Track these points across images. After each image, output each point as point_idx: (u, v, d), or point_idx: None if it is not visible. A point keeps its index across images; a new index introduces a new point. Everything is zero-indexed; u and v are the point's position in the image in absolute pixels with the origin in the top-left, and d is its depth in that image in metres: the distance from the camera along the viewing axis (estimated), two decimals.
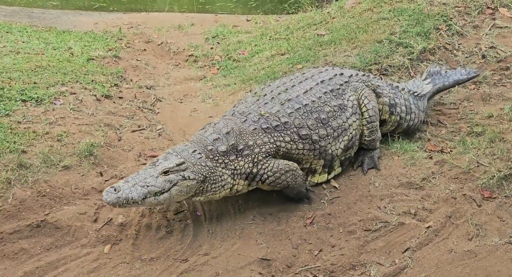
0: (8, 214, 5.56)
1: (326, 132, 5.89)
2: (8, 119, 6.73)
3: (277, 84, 6.19)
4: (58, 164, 6.24)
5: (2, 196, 5.66)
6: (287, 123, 5.70)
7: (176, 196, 5.24)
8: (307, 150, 5.81)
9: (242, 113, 5.74)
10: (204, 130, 5.67)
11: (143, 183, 5.08)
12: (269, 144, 5.60)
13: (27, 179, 5.91)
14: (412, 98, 6.93)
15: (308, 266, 5.23)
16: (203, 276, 5.12)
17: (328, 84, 6.13)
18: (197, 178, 5.27)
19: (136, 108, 8.11)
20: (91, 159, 6.50)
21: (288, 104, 5.82)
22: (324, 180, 6.14)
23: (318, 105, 5.91)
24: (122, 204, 4.99)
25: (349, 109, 6.14)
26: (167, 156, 5.34)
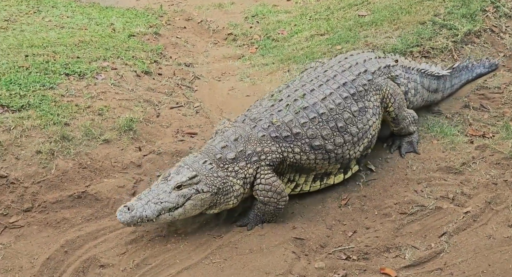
0: (51, 184, 5.74)
1: (343, 140, 5.61)
2: (52, 92, 6.90)
3: (296, 86, 5.83)
4: (98, 137, 6.38)
5: (46, 167, 5.83)
6: (299, 134, 5.43)
7: (191, 211, 5.11)
8: (320, 160, 5.55)
9: (253, 120, 5.52)
10: (213, 139, 5.53)
11: (156, 199, 4.96)
12: (276, 153, 5.36)
13: (69, 151, 6.07)
14: (419, 77, 6.68)
15: (342, 247, 5.23)
16: (236, 252, 5.18)
17: (350, 86, 5.77)
18: (210, 190, 5.12)
19: (175, 85, 8.19)
20: (130, 134, 6.61)
21: (303, 113, 5.51)
22: (340, 181, 5.90)
23: (336, 113, 5.60)
24: (137, 223, 4.88)
25: (370, 110, 5.84)
26: (178, 170, 5.17)
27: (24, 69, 7.25)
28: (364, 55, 6.29)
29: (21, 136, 6.01)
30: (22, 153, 5.86)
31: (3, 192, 5.55)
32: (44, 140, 6.06)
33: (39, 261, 5.04)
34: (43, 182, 5.74)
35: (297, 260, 5.13)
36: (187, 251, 5.19)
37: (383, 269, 4.89)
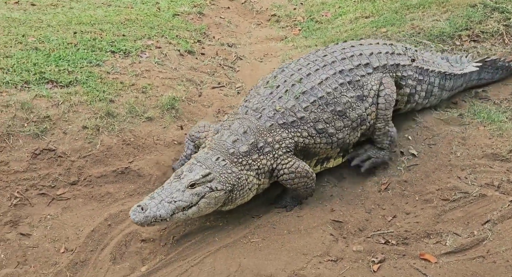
0: (96, 159, 5.90)
1: (343, 123, 5.55)
2: (98, 69, 7.05)
3: (291, 70, 5.72)
4: (142, 115, 6.49)
5: (91, 142, 5.99)
6: (303, 118, 5.38)
7: (205, 209, 5.00)
8: (324, 144, 5.52)
9: (256, 110, 5.43)
10: (220, 134, 5.36)
11: (170, 198, 4.82)
12: (288, 139, 5.31)
13: (113, 128, 6.20)
14: (439, 79, 6.43)
15: (381, 231, 5.20)
16: (274, 233, 5.22)
17: (346, 74, 5.66)
18: (225, 188, 5.01)
19: (217, 65, 8.23)
20: (173, 112, 6.69)
21: (303, 97, 5.45)
22: (338, 164, 5.88)
23: (334, 97, 5.52)
24: (151, 223, 4.73)
25: (369, 99, 5.70)
26: (191, 167, 5.05)
27: (72, 46, 7.43)
28: (374, 47, 6.07)
29: (68, 111, 6.17)
30: (69, 128, 6.03)
31: (51, 165, 5.74)
32: (90, 115, 6.21)
33: (84, 233, 5.21)
34: (88, 157, 5.89)
35: (335, 242, 5.13)
36: (226, 229, 5.27)
37: (423, 254, 4.83)
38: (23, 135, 5.82)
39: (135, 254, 5.05)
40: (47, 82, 6.53)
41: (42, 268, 4.89)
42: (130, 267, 4.92)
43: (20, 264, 4.91)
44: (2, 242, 5.07)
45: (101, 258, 4.98)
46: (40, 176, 5.64)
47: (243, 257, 4.98)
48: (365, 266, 4.82)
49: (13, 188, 5.48)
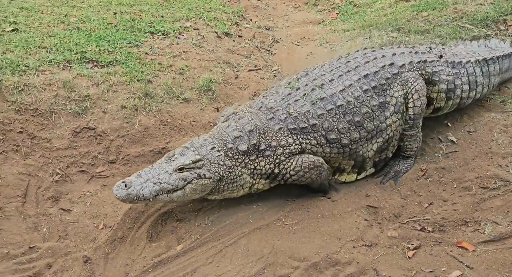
0: (134, 139, 6.00)
1: (359, 135, 5.35)
2: (137, 49, 7.13)
3: (314, 75, 5.54)
4: (179, 96, 6.55)
5: (130, 122, 6.09)
6: (315, 125, 5.19)
7: (190, 194, 4.94)
8: (335, 154, 5.34)
9: (270, 109, 5.26)
10: (227, 124, 5.25)
11: (156, 179, 4.78)
12: (294, 145, 5.16)
13: (151, 108, 6.29)
14: (480, 68, 6.14)
15: (417, 217, 5.14)
16: (308, 216, 5.25)
17: (372, 79, 5.43)
18: (213, 177, 4.93)
19: (254, 48, 8.21)
20: (209, 94, 6.74)
21: (320, 103, 5.25)
22: (352, 180, 5.66)
23: (354, 106, 5.31)
24: (133, 201, 4.74)
25: (390, 107, 5.47)
26: (184, 151, 4.99)
27: (112, 26, 7.53)
28: (396, 49, 5.89)
29: (108, 91, 6.29)
30: (108, 107, 6.15)
31: (91, 143, 5.87)
32: (128, 96, 6.31)
33: (122, 210, 5.32)
34: (126, 136, 6.00)
35: (369, 227, 5.11)
36: (260, 212, 5.30)
37: (460, 242, 4.77)
38: (65, 113, 5.96)
39: (170, 233, 5.14)
40: (88, 62, 6.66)
41: (82, 242, 5.04)
42: (166, 246, 5.02)
43: (61, 238, 5.06)
44: (45, 216, 5.23)
45: (138, 236, 5.09)
46: (81, 153, 5.78)
47: (277, 239, 5.02)
48: (400, 252, 4.80)
49: (55, 165, 5.63)
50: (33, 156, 5.62)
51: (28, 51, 6.60)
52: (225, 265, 4.78)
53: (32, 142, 5.68)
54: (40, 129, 5.77)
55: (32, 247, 4.89)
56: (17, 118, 5.73)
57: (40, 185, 5.46)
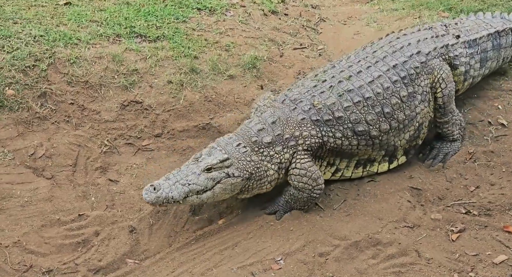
0: (179, 114, 6.09)
1: (389, 126, 5.23)
2: (184, 25, 7.19)
3: (342, 67, 5.43)
4: (224, 73, 6.59)
5: (175, 97, 6.18)
6: (341, 118, 5.08)
7: (220, 195, 4.87)
8: (363, 146, 5.21)
9: (294, 101, 5.17)
10: (250, 120, 5.21)
11: (185, 181, 4.73)
12: (316, 138, 5.04)
13: (196, 84, 6.36)
14: (491, 42, 6.00)
15: (462, 201, 5.06)
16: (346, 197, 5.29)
17: (401, 69, 5.33)
18: (242, 176, 4.86)
19: (300, 26, 8.14)
20: (254, 72, 6.75)
21: (347, 95, 5.15)
22: (385, 170, 5.50)
23: (384, 98, 5.19)
24: (162, 204, 4.69)
25: (418, 96, 5.38)
26: (210, 151, 4.93)
27: (161, 2, 7.61)
28: (418, 34, 5.77)
29: (155, 66, 6.38)
30: (155, 81, 6.25)
31: (138, 117, 6.01)
32: (175, 71, 6.39)
33: None
34: (172, 111, 6.10)
35: (412, 209, 5.07)
36: None
37: (507, 227, 4.68)
38: (113, 86, 6.10)
39: (213, 207, 5.25)
40: (137, 36, 6.77)
41: (128, 213, 5.19)
42: (208, 219, 5.13)
43: (108, 208, 5.23)
44: (93, 186, 5.41)
45: (181, 209, 5.21)
46: (128, 126, 5.92)
47: (318, 216, 5.06)
48: (443, 235, 4.75)
49: (103, 136, 5.79)
50: (83, 127, 5.80)
51: (80, 25, 6.76)
52: (265, 241, 4.84)
53: (82, 114, 5.85)
54: (90, 101, 5.94)
55: (81, 214, 5.09)
56: (68, 90, 5.91)
57: (89, 155, 5.64)
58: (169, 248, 4.88)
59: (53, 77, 5.93)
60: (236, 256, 4.72)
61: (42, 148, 5.49)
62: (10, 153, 5.37)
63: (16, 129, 5.54)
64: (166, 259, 4.74)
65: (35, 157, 5.42)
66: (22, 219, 4.95)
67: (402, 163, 5.54)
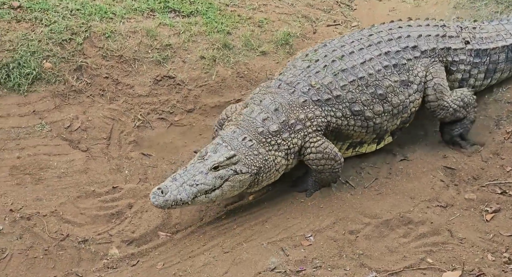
0: (211, 90, 6.12)
1: (382, 108, 5.15)
2: (218, 1, 7.16)
3: (333, 46, 5.34)
4: (257, 49, 6.56)
5: (208, 72, 6.20)
6: (339, 97, 5.01)
7: (229, 192, 4.78)
8: (359, 127, 5.14)
9: (290, 84, 5.07)
10: (250, 109, 5.00)
11: (192, 181, 4.60)
12: (321, 117, 4.96)
13: (229, 60, 6.35)
14: (505, 54, 5.69)
15: (498, 181, 4.97)
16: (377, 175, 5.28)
17: (392, 57, 5.26)
18: (250, 171, 4.74)
19: (334, 3, 8.00)
20: (286, 48, 6.70)
21: (341, 75, 5.08)
22: (372, 150, 5.45)
23: (376, 79, 5.13)
24: (171, 206, 4.58)
25: (414, 85, 5.28)
26: (216, 148, 4.78)
27: None
28: (423, 29, 5.58)
29: (188, 41, 6.40)
30: (188, 57, 6.28)
31: (170, 92, 6.06)
32: (207, 46, 6.40)
33: None
34: (204, 87, 6.13)
35: (445, 189, 5.01)
36: None
37: None
38: (147, 61, 6.15)
39: None
40: (170, 11, 6.79)
41: None
42: (239, 195, 5.12)
43: (141, 181, 5.33)
44: (127, 159, 5.50)
45: None
46: (160, 101, 5.97)
47: (349, 194, 5.07)
48: (477, 215, 4.69)
49: (136, 111, 5.87)
50: (117, 101, 5.88)
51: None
52: (295, 217, 4.87)
53: (116, 88, 5.94)
54: (124, 76, 6.01)
55: (115, 187, 5.20)
56: (103, 64, 5.99)
57: (123, 129, 5.73)
58: (200, 222, 4.96)
59: (89, 51, 6.01)
60: (266, 232, 4.76)
61: (78, 121, 5.61)
62: (47, 125, 5.51)
63: (53, 102, 5.67)
64: (197, 232, 4.82)
65: (71, 129, 5.55)
66: (59, 190, 5.10)
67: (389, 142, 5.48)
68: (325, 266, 4.36)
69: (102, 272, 4.55)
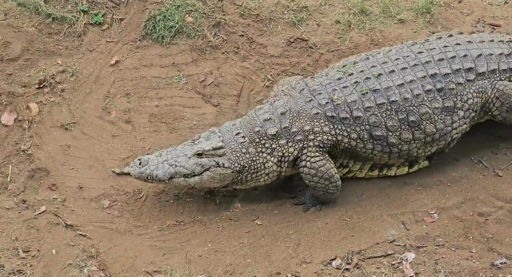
0: (343, 55, 5.93)
1: (412, 136, 4.74)
2: None
3: (375, 61, 4.92)
4: (395, 16, 6.28)
5: (341, 37, 6.08)
6: (359, 118, 4.68)
7: (208, 182, 4.72)
8: (379, 152, 4.77)
9: (312, 91, 4.80)
10: (261, 106, 4.92)
11: (173, 161, 4.64)
12: (328, 135, 4.67)
13: (364, 26, 6.16)
14: None
15: None
16: None
17: (439, 80, 4.76)
18: (232, 168, 4.65)
19: None
20: (427, 17, 6.35)
21: (371, 95, 4.71)
22: (403, 173, 5.03)
23: (411, 105, 4.70)
24: (147, 180, 4.66)
25: (460, 112, 4.79)
26: (210, 135, 4.77)
27: None
28: (486, 45, 4.99)
29: (325, 4, 6.29)
30: (323, 20, 6.18)
31: (302, 54, 6.03)
32: (344, 11, 6.25)
33: None
34: (336, 52, 6.02)
35: None
36: None
37: None
38: (282, 21, 6.15)
39: None
40: None
41: None
42: None
43: None
44: None
45: None
46: (291, 63, 5.98)
47: (481, 174, 4.91)
48: None
49: (267, 71, 5.94)
50: (249, 59, 5.98)
51: None
52: (419, 192, 4.86)
53: (250, 46, 6.03)
54: (259, 35, 6.07)
55: None
56: (240, 22, 6.08)
57: (252, 88, 5.85)
58: None
59: (228, 8, 6.14)
60: (387, 205, 4.76)
61: (212, 76, 5.81)
62: (184, 77, 5.77)
63: (191, 55, 5.89)
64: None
65: (204, 84, 5.77)
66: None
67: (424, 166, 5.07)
68: (449, 245, 4.28)
69: (224, 223, 4.81)
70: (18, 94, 5.35)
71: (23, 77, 5.46)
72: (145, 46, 5.85)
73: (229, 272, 4.32)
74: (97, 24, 5.93)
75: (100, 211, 4.77)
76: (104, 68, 5.71)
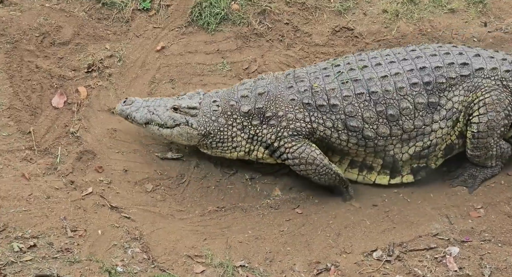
0: (389, 45, 5.86)
1: (389, 131, 4.66)
2: None
3: (365, 57, 4.91)
4: (445, 5, 6.13)
5: (388, 27, 5.98)
6: (336, 106, 4.66)
7: (177, 138, 4.92)
8: (354, 144, 4.74)
9: (296, 78, 4.84)
10: (244, 81, 5.02)
11: (153, 109, 4.89)
12: (302, 122, 4.68)
13: (413, 15, 6.04)
14: None
15: None
16: None
17: (427, 73, 4.67)
18: (198, 129, 4.82)
19: None
20: (479, 7, 6.16)
21: (351, 84, 4.69)
22: (384, 183, 4.95)
23: (391, 97, 4.63)
24: (127, 118, 4.96)
25: (443, 111, 4.68)
26: (193, 95, 5.00)
27: None
28: (487, 52, 4.90)
29: None
30: (370, 9, 6.10)
31: (347, 44, 5.97)
32: (392, 0, 6.14)
33: None
34: (382, 41, 5.94)
35: None
36: None
37: None
38: (328, 10, 6.09)
39: None
40: None
41: None
42: None
43: None
44: None
45: None
46: (336, 52, 5.92)
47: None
48: None
49: (311, 59, 5.88)
50: (294, 48, 5.94)
51: None
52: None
53: (294, 35, 5.99)
54: (304, 23, 6.03)
55: None
56: (286, 10, 6.05)
57: None
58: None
59: None
60: (431, 198, 4.73)
61: (256, 63, 5.81)
62: (228, 65, 5.78)
63: (235, 43, 5.90)
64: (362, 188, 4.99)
65: (248, 71, 5.77)
66: None
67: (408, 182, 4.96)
68: (495, 240, 4.20)
69: (264, 210, 4.86)
70: (68, 78, 5.46)
71: (73, 61, 5.57)
72: (191, 32, 5.88)
73: (269, 259, 4.35)
74: (144, 10, 5.99)
75: (143, 195, 4.88)
76: (150, 53, 5.78)
